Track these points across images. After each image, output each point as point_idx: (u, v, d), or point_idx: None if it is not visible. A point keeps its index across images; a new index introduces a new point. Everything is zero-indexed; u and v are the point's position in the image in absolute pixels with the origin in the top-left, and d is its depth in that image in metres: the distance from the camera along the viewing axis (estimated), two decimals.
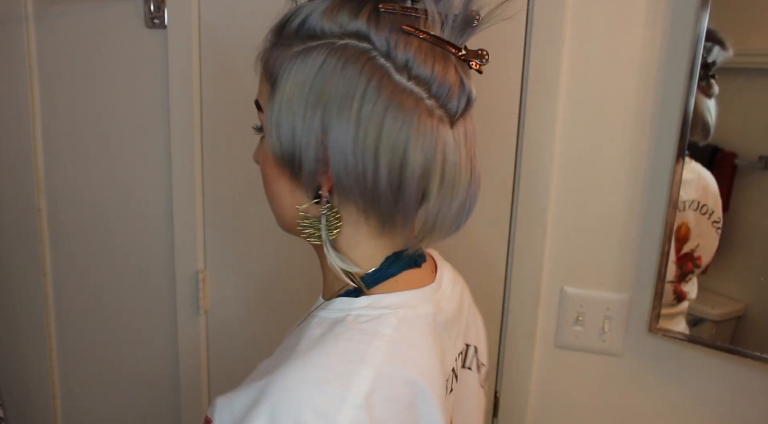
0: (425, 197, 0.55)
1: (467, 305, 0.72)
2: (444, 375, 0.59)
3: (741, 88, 0.93)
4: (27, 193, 1.35)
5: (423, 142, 0.53)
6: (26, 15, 1.27)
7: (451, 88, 0.54)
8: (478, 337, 0.75)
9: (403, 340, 0.55)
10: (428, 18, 0.54)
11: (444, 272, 0.68)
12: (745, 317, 0.98)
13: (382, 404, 0.50)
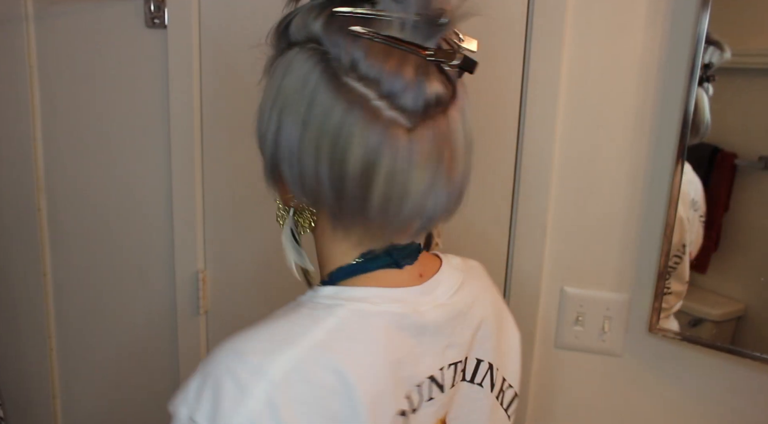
0: (368, 199, 0.55)
1: (483, 320, 0.68)
2: (407, 379, 0.60)
3: (741, 88, 0.93)
4: (27, 193, 1.35)
5: (364, 143, 0.53)
6: (26, 15, 1.27)
7: (404, 89, 0.53)
8: (502, 357, 0.71)
9: (346, 332, 0.56)
10: (387, 19, 0.54)
11: (445, 279, 0.66)
12: (745, 317, 0.98)
13: (300, 386, 0.52)
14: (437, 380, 0.63)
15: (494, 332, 0.71)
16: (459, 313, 0.66)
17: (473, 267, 0.73)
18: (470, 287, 0.69)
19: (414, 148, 0.53)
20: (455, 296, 0.66)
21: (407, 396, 0.60)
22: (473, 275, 0.72)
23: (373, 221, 0.56)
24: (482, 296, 0.70)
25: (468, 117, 0.58)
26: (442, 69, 0.56)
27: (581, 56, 1.02)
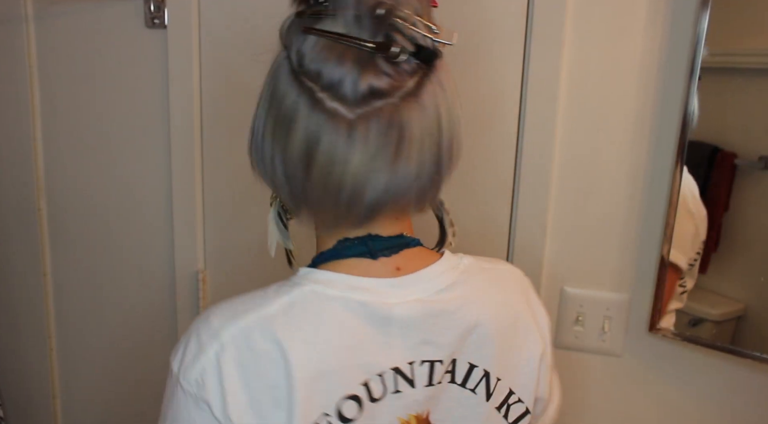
0: (308, 183, 0.59)
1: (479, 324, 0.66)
2: (364, 367, 0.62)
3: (741, 88, 0.93)
4: (27, 193, 1.35)
5: (307, 130, 0.58)
6: (26, 15, 1.27)
7: (342, 81, 0.56)
8: (508, 369, 0.69)
9: (298, 309, 0.60)
10: (336, 17, 0.58)
11: (431, 276, 0.66)
12: (745, 317, 0.99)
13: (244, 351, 0.59)
14: (405, 374, 0.64)
15: (495, 340, 0.67)
16: (443, 311, 0.65)
17: (495, 271, 0.72)
18: (467, 288, 0.67)
19: (353, 135, 0.56)
20: (441, 294, 0.65)
21: (364, 383, 0.61)
22: (486, 278, 0.70)
23: (317, 205, 0.61)
24: (485, 300, 0.68)
25: (433, 109, 0.60)
26: (392, 61, 0.58)
27: (581, 57, 1.02)
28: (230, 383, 0.58)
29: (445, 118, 0.61)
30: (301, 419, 0.58)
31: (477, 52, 1.06)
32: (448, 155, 0.63)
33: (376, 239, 0.64)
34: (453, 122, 0.62)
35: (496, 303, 0.69)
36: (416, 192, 0.61)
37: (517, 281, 0.74)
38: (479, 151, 1.09)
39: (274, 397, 0.58)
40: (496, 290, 0.70)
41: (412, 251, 0.67)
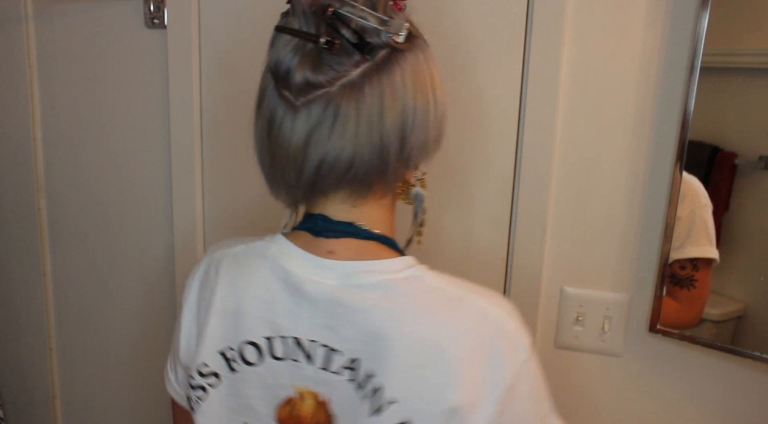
0: (263, 160, 0.69)
1: (392, 344, 0.63)
2: (272, 325, 0.69)
3: (741, 88, 0.93)
4: (27, 193, 1.35)
5: (261, 120, 0.67)
6: (26, 15, 1.27)
7: (286, 73, 0.63)
8: (406, 397, 0.63)
9: (242, 257, 0.73)
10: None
11: (355, 272, 0.66)
12: (745, 317, 0.98)
13: (207, 269, 0.75)
14: (304, 348, 0.68)
15: (401, 360, 0.63)
16: (348, 305, 0.65)
17: (453, 299, 0.66)
18: (390, 295, 0.65)
19: (298, 116, 0.63)
20: (355, 289, 0.65)
21: (268, 338, 0.69)
22: (426, 298, 0.65)
23: (276, 179, 0.68)
24: (405, 316, 0.64)
25: (375, 98, 0.62)
26: (336, 53, 0.62)
27: (581, 56, 1.02)
28: (192, 293, 0.76)
29: (391, 108, 0.63)
30: (209, 341, 0.71)
31: (477, 51, 1.06)
32: (398, 145, 0.64)
33: (325, 221, 0.69)
34: (407, 113, 0.64)
35: (419, 324, 0.64)
36: (357, 175, 0.64)
37: (480, 320, 0.65)
38: (479, 151, 1.09)
39: (206, 313, 0.72)
40: (429, 312, 0.65)
41: (358, 242, 0.68)
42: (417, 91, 0.65)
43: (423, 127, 0.66)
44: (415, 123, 0.65)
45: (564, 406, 1.15)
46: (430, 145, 0.68)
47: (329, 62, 0.62)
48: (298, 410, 0.69)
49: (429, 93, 0.66)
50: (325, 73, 0.62)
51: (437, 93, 0.67)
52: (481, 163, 1.10)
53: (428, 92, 0.66)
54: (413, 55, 0.65)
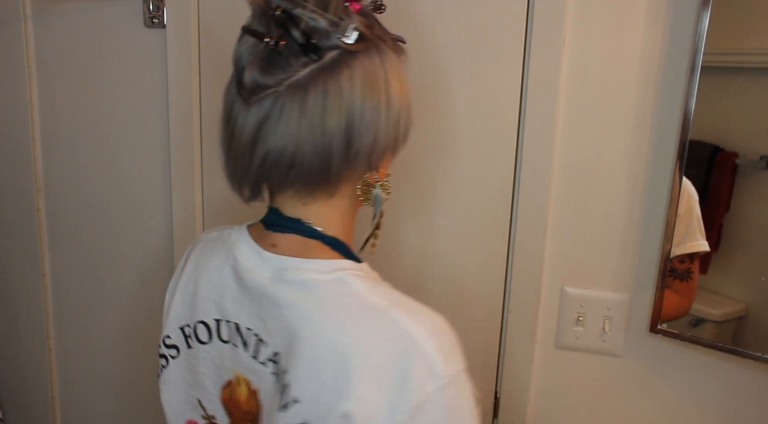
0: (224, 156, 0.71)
1: (305, 344, 0.64)
2: (220, 309, 0.73)
3: (741, 88, 0.93)
4: (26, 193, 1.35)
5: (223, 113, 0.69)
6: (25, 15, 1.27)
7: (241, 71, 0.65)
8: (308, 399, 0.63)
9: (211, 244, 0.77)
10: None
11: (286, 267, 0.68)
12: (746, 317, 0.98)
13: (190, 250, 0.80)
14: (242, 334, 0.71)
15: (307, 362, 0.63)
16: (272, 299, 0.67)
17: (366, 310, 0.64)
18: (311, 295, 0.65)
19: (249, 111, 0.65)
20: (282, 284, 0.67)
21: (217, 320, 0.73)
22: (339, 303, 0.65)
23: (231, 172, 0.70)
24: (317, 319, 0.64)
25: (318, 99, 0.63)
26: (284, 54, 0.63)
27: (581, 56, 1.02)
28: (176, 270, 0.82)
29: (334, 109, 0.63)
30: (173, 316, 0.79)
31: (477, 51, 1.06)
32: (341, 146, 0.64)
33: (278, 215, 0.71)
34: (353, 115, 0.64)
35: (329, 328, 0.64)
36: (300, 172, 0.65)
37: (394, 336, 0.62)
38: (479, 151, 1.09)
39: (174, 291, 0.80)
40: (341, 318, 0.64)
41: (301, 239, 0.70)
42: (366, 93, 0.64)
43: (371, 130, 0.65)
44: (362, 125, 0.64)
45: (564, 406, 1.15)
46: (381, 148, 0.67)
47: (279, 62, 0.63)
48: (237, 395, 0.73)
49: (381, 95, 0.65)
50: (274, 75, 0.63)
51: (392, 95, 0.66)
52: (481, 163, 1.10)
53: (380, 94, 0.65)
54: (367, 57, 0.65)
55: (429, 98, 1.09)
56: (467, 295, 1.15)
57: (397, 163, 0.74)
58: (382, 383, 0.61)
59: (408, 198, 1.14)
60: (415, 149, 1.11)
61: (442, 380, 0.61)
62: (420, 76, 1.09)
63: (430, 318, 0.65)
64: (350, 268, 0.68)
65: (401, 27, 1.07)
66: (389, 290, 0.67)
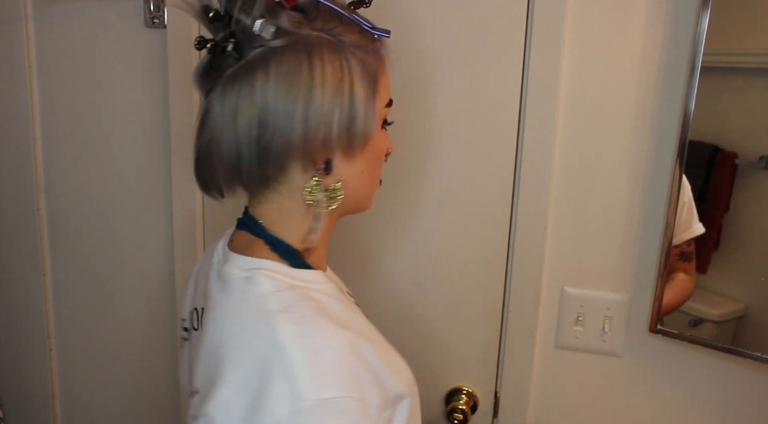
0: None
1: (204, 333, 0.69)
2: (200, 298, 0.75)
3: (741, 88, 0.93)
4: (27, 193, 1.35)
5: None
6: (25, 15, 1.27)
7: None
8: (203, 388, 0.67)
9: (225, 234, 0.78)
10: None
11: (225, 259, 0.72)
12: (745, 317, 0.98)
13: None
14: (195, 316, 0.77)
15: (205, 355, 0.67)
16: (207, 293, 0.73)
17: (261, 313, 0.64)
18: (222, 292, 0.68)
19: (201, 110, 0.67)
20: (214, 279, 0.71)
21: (203, 308, 0.73)
22: (235, 300, 0.66)
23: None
24: (217, 313, 0.67)
25: (231, 99, 0.63)
26: (218, 57, 0.66)
27: (581, 56, 1.02)
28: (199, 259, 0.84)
29: (246, 107, 0.63)
30: (186, 301, 0.83)
31: (477, 51, 1.06)
32: (254, 144, 0.63)
33: (245, 213, 0.74)
34: (264, 113, 0.62)
35: (218, 324, 0.66)
36: (226, 171, 0.67)
37: (267, 347, 0.61)
38: (479, 152, 1.09)
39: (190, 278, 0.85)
40: (230, 316, 0.66)
41: (249, 236, 0.71)
42: (280, 89, 0.62)
43: (286, 128, 0.62)
44: (276, 122, 0.62)
45: (564, 406, 1.15)
46: (309, 146, 0.64)
47: (217, 65, 0.66)
48: None
49: (300, 92, 0.62)
50: (211, 78, 0.66)
51: (316, 91, 0.62)
52: (482, 163, 1.10)
53: (298, 91, 0.62)
54: (291, 52, 0.62)
55: (429, 98, 1.09)
56: (467, 295, 1.15)
57: (397, 164, 0.75)
58: (246, 391, 0.59)
59: (408, 198, 1.14)
60: (415, 149, 1.11)
61: (299, 404, 0.56)
62: (420, 76, 1.09)
63: (322, 339, 0.61)
64: (269, 268, 0.67)
65: (401, 27, 1.07)
66: (300, 301, 0.64)
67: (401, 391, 0.67)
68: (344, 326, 0.64)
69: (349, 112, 0.64)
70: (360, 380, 0.60)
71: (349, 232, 1.16)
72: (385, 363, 0.65)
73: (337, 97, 0.63)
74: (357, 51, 0.66)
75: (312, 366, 0.59)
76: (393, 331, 0.88)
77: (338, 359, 0.60)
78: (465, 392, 1.18)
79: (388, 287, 1.18)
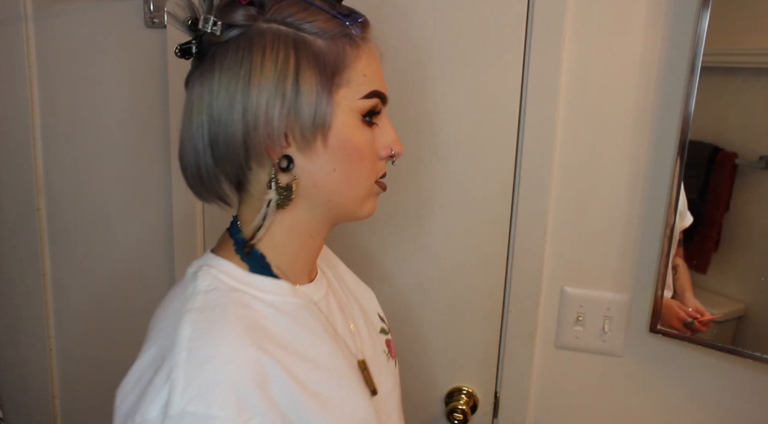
0: None
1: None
2: None
3: (741, 88, 0.93)
4: (27, 193, 1.35)
5: None
6: (25, 15, 1.27)
7: None
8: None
9: None
10: None
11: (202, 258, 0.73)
12: (745, 317, 0.98)
13: None
14: None
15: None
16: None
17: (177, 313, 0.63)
18: (176, 288, 0.68)
19: None
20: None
21: None
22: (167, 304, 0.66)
23: None
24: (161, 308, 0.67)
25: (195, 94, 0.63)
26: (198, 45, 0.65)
27: (581, 56, 1.02)
28: None
29: (199, 107, 0.63)
30: None
31: (477, 52, 1.06)
32: (207, 141, 0.63)
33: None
34: (213, 110, 0.62)
35: (152, 319, 0.67)
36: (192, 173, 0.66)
37: (165, 346, 0.60)
38: (479, 152, 1.09)
39: None
40: (160, 312, 0.66)
41: (225, 236, 0.70)
42: (224, 85, 0.61)
43: (229, 122, 0.61)
44: (220, 118, 0.62)
45: (564, 406, 1.15)
46: (243, 141, 0.62)
47: (191, 66, 0.67)
48: None
49: (239, 85, 0.61)
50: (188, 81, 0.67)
51: (252, 83, 0.60)
52: (481, 164, 1.10)
53: (237, 84, 0.61)
54: (236, 47, 0.62)
55: (429, 98, 1.09)
56: (467, 295, 1.15)
57: (397, 163, 0.74)
58: (147, 372, 0.59)
59: (408, 198, 1.14)
60: (415, 149, 1.11)
61: (168, 410, 0.53)
62: (420, 75, 1.09)
63: (212, 349, 0.57)
64: (219, 267, 0.66)
65: (402, 27, 1.07)
66: (227, 305, 0.62)
67: None
68: (262, 344, 0.59)
69: (292, 103, 0.61)
70: (245, 404, 0.55)
71: (349, 232, 1.16)
72: (312, 398, 0.60)
73: (279, 88, 0.61)
74: (318, 39, 0.62)
75: (190, 374, 0.55)
76: (393, 331, 0.88)
77: (222, 374, 0.55)
78: (465, 392, 1.18)
79: (388, 287, 1.18)
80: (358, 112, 0.65)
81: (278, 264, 0.68)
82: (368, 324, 0.81)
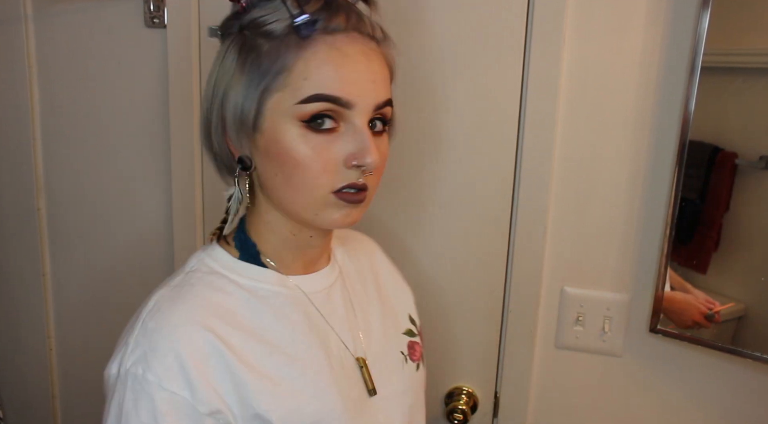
0: None
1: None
2: None
3: (741, 88, 0.93)
4: (27, 193, 1.35)
5: None
6: (25, 15, 1.27)
7: None
8: None
9: None
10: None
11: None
12: (745, 317, 0.98)
13: None
14: None
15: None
16: None
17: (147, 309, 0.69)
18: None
19: None
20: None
21: None
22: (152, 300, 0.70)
23: None
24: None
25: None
26: None
27: (581, 56, 1.02)
28: None
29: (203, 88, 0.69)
30: None
31: (477, 51, 1.06)
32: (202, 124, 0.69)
33: None
34: (205, 95, 0.68)
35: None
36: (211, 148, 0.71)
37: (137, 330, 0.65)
38: (479, 151, 1.09)
39: None
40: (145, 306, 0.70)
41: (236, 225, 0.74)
42: (213, 74, 0.67)
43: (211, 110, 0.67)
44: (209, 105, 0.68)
45: (564, 406, 1.15)
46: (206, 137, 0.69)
47: None
48: None
49: (211, 82, 0.67)
50: None
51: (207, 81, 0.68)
52: (482, 164, 1.10)
53: (210, 82, 0.67)
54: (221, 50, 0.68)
55: (429, 98, 1.09)
56: (467, 295, 1.15)
57: (397, 164, 0.74)
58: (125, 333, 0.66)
59: (408, 198, 1.14)
60: (415, 149, 1.11)
61: (121, 368, 0.62)
62: (420, 76, 1.09)
63: (162, 320, 0.63)
64: (211, 253, 0.71)
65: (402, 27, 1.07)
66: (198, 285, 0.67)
67: (271, 415, 0.63)
68: (213, 324, 0.63)
69: (221, 102, 0.65)
70: (179, 375, 0.60)
71: None
72: (259, 380, 0.63)
73: (218, 88, 0.66)
74: (266, 43, 0.62)
75: (139, 339, 0.62)
76: None
77: (162, 344, 0.61)
78: (465, 392, 1.18)
79: None
80: (296, 118, 0.61)
81: (267, 254, 0.71)
82: (388, 323, 0.81)
